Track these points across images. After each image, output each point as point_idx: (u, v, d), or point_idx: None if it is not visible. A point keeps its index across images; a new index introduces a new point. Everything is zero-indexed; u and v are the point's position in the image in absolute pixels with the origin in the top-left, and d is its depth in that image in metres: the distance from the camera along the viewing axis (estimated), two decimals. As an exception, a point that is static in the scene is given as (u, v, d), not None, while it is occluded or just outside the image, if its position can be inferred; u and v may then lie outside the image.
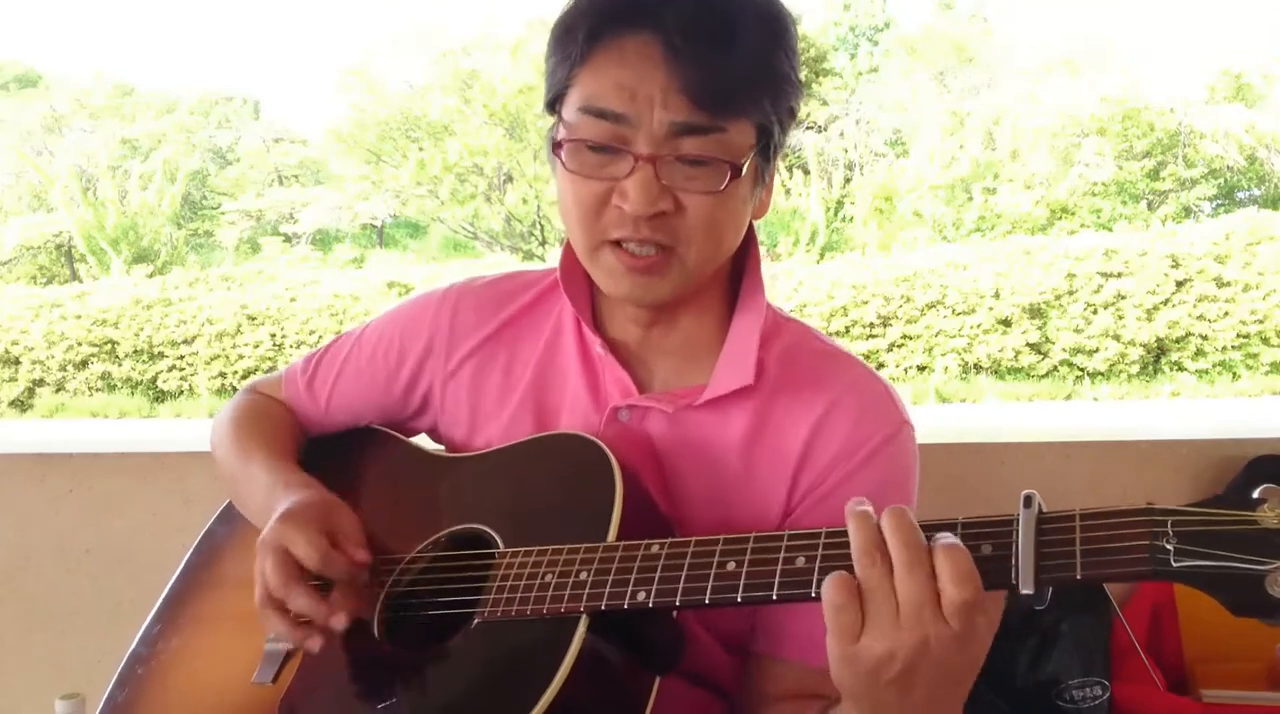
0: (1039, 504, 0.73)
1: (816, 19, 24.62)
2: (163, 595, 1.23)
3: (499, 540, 0.98)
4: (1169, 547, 0.67)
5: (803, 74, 1.01)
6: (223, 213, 23.66)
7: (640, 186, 0.92)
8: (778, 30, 0.96)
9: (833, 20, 25.00)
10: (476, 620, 0.92)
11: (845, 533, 0.77)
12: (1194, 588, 0.67)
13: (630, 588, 0.84)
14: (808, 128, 21.80)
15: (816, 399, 1.02)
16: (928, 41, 22.32)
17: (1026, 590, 0.71)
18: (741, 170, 0.94)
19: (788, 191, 19.14)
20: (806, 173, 19.30)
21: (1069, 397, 13.98)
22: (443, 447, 1.21)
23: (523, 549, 0.93)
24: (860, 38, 24.84)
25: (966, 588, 0.71)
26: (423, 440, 1.24)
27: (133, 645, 1.19)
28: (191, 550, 1.26)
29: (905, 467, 1.02)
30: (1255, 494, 0.67)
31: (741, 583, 0.80)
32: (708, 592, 0.81)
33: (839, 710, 0.85)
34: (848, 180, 20.43)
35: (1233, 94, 19.65)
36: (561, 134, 0.96)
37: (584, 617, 0.85)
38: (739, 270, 1.09)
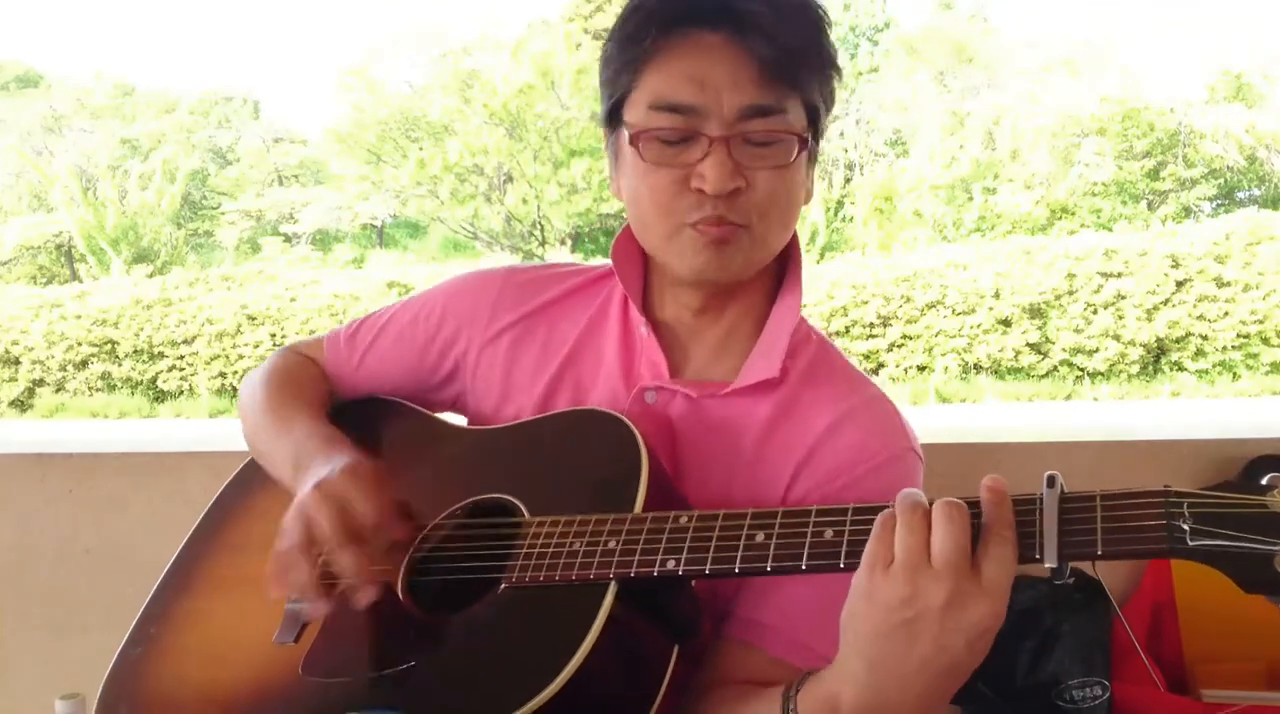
0: (1061, 485, 0.78)
1: (816, 19, 24.58)
2: (174, 559, 1.22)
3: (524, 510, 0.98)
4: (1185, 527, 0.72)
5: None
6: (223, 213, 23.67)
7: (716, 166, 0.98)
8: (821, 14, 1.03)
9: (833, 20, 25.00)
10: (503, 586, 0.93)
11: (873, 509, 0.81)
12: (1208, 565, 0.72)
13: (660, 556, 0.86)
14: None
15: (836, 403, 1.05)
16: (928, 41, 22.33)
17: (1050, 563, 0.75)
18: (808, 142, 1.02)
19: (788, 191, 19.10)
20: (806, 173, 19.28)
21: (1069, 397, 13.98)
22: (466, 421, 1.22)
23: (550, 518, 0.94)
24: (860, 38, 24.84)
25: (1005, 547, 0.75)
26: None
27: (144, 606, 1.19)
28: (203, 516, 1.25)
29: (906, 487, 1.02)
30: (1264, 481, 0.72)
31: (771, 553, 0.83)
32: (737, 561, 0.84)
33: (826, 671, 0.86)
34: (848, 180, 20.44)
35: (1233, 94, 19.65)
36: (633, 130, 1.02)
37: (613, 583, 0.87)
38: (781, 268, 1.14)
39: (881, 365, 14.38)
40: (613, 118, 1.06)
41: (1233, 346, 13.87)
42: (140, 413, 15.33)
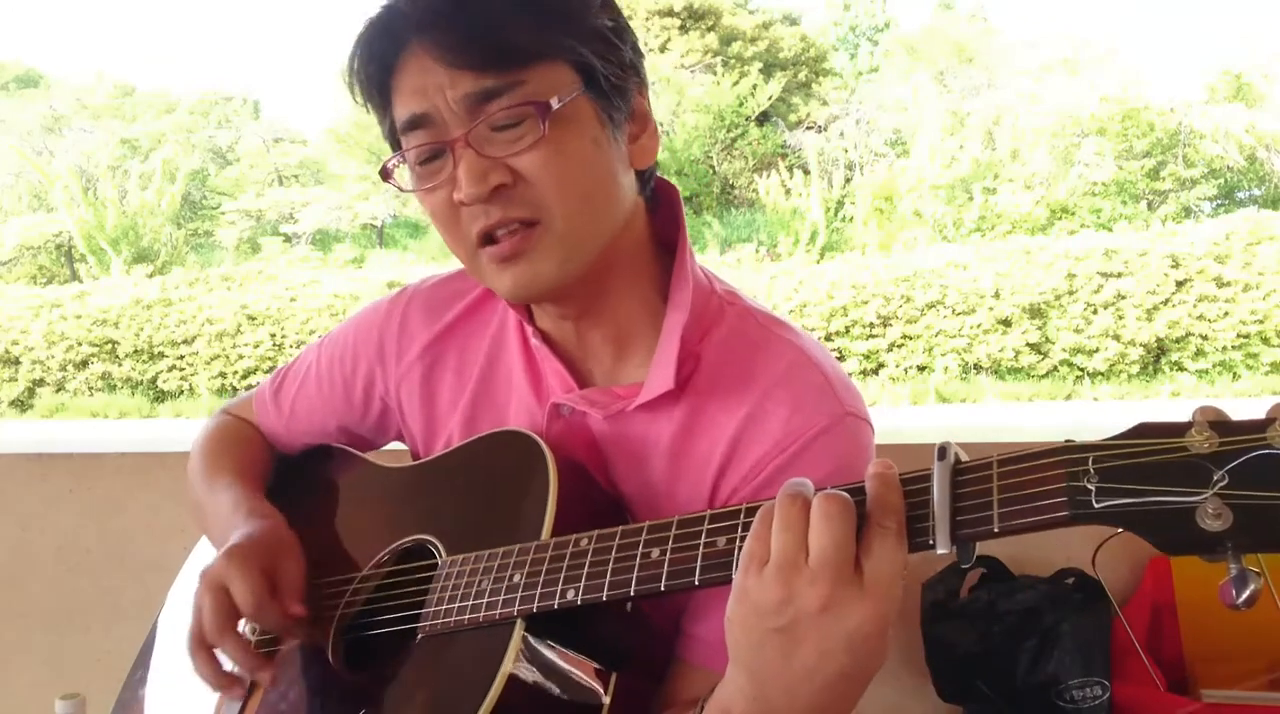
0: (955, 454, 0.69)
1: (816, 19, 24.64)
2: (144, 642, 1.25)
3: (441, 550, 0.96)
4: (1090, 486, 0.61)
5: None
6: (223, 213, 23.67)
7: (464, 169, 0.89)
8: None
9: (833, 20, 25.02)
10: (420, 636, 0.92)
11: (764, 507, 0.74)
12: (1120, 528, 0.61)
13: (560, 586, 0.82)
14: (808, 128, 21.82)
15: (745, 397, 0.96)
16: (928, 41, 22.33)
17: (942, 550, 0.66)
18: (550, 106, 0.89)
19: (788, 191, 19.16)
20: (806, 173, 19.32)
21: (1069, 397, 13.99)
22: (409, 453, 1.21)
23: (460, 557, 0.92)
24: (860, 38, 24.86)
25: (888, 539, 0.69)
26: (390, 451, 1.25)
27: (119, 693, 1.22)
28: (170, 591, 1.27)
29: (845, 463, 0.93)
30: (1185, 418, 0.62)
31: (665, 570, 0.78)
32: (632, 583, 0.79)
33: (720, 685, 0.81)
34: (848, 180, 20.44)
35: (1233, 94, 19.66)
36: (400, 160, 0.96)
37: (519, 621, 0.83)
38: (669, 245, 1.04)
39: (881, 365, 14.39)
40: (395, 148, 0.99)
41: (1233, 346, 13.87)
42: (140, 413, 15.33)
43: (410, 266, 18.35)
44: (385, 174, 0.97)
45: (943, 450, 0.69)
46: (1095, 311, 14.04)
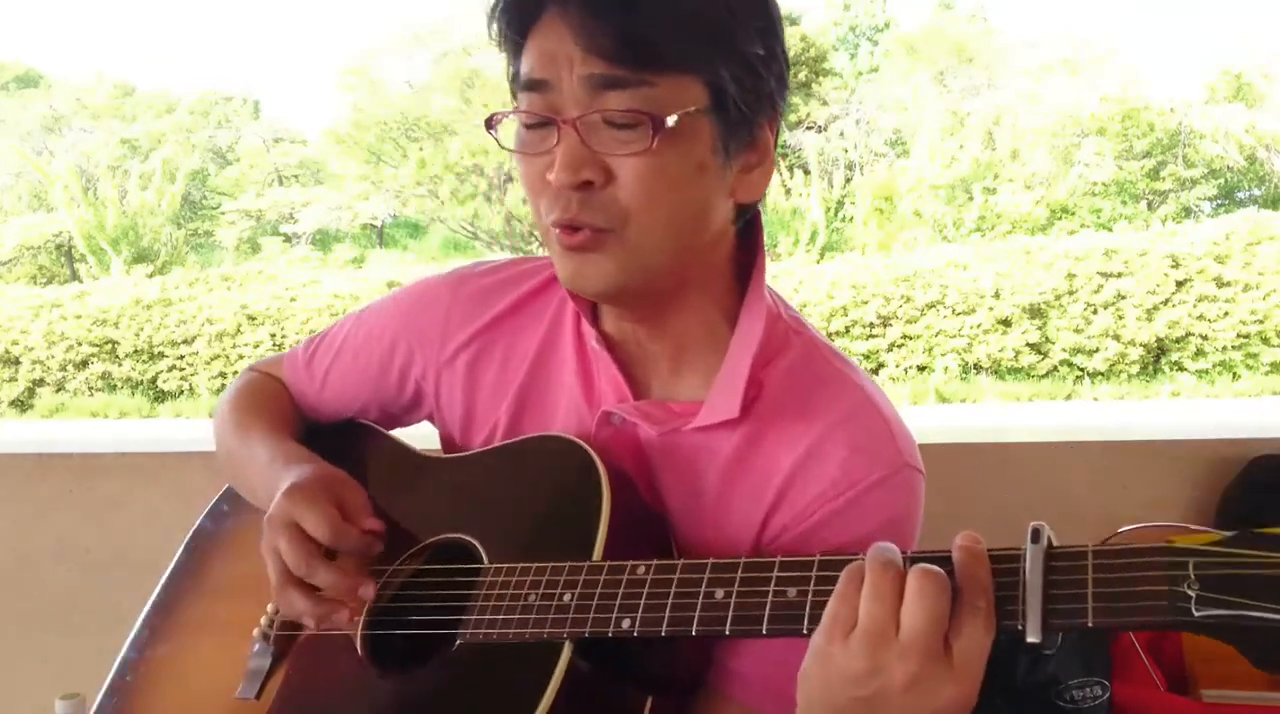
0: (1048, 537, 0.67)
1: (816, 19, 24.62)
2: (152, 598, 1.21)
3: (484, 554, 0.94)
4: (1190, 593, 0.61)
5: (770, 24, 0.91)
6: (223, 213, 23.66)
7: (564, 152, 0.86)
8: None
9: (833, 20, 24.99)
10: (459, 642, 0.90)
11: (840, 563, 0.73)
12: (1217, 639, 0.61)
13: (615, 614, 0.81)
14: (808, 128, 21.81)
15: (807, 430, 0.93)
16: (928, 41, 22.32)
17: (1033, 638, 0.65)
18: (665, 123, 0.84)
19: (788, 191, 19.14)
20: (807, 173, 19.30)
21: (1069, 397, 13.99)
22: (439, 437, 1.18)
23: (506, 566, 0.90)
24: (860, 38, 24.84)
25: (978, 620, 0.67)
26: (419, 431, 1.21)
27: (122, 651, 1.18)
28: (180, 550, 1.24)
29: (899, 514, 0.93)
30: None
31: (730, 614, 0.77)
32: (694, 622, 0.78)
33: None
34: (848, 180, 20.44)
35: (1233, 94, 19.66)
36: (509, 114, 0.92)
37: (567, 644, 0.82)
38: (747, 267, 1.00)
39: (881, 365, 14.38)
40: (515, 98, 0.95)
41: (1233, 346, 13.87)
42: (140, 413, 15.33)
43: (410, 266, 18.35)
44: (490, 123, 0.93)
45: (1036, 533, 0.67)
46: (1095, 311, 14.03)
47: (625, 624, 0.80)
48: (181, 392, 15.62)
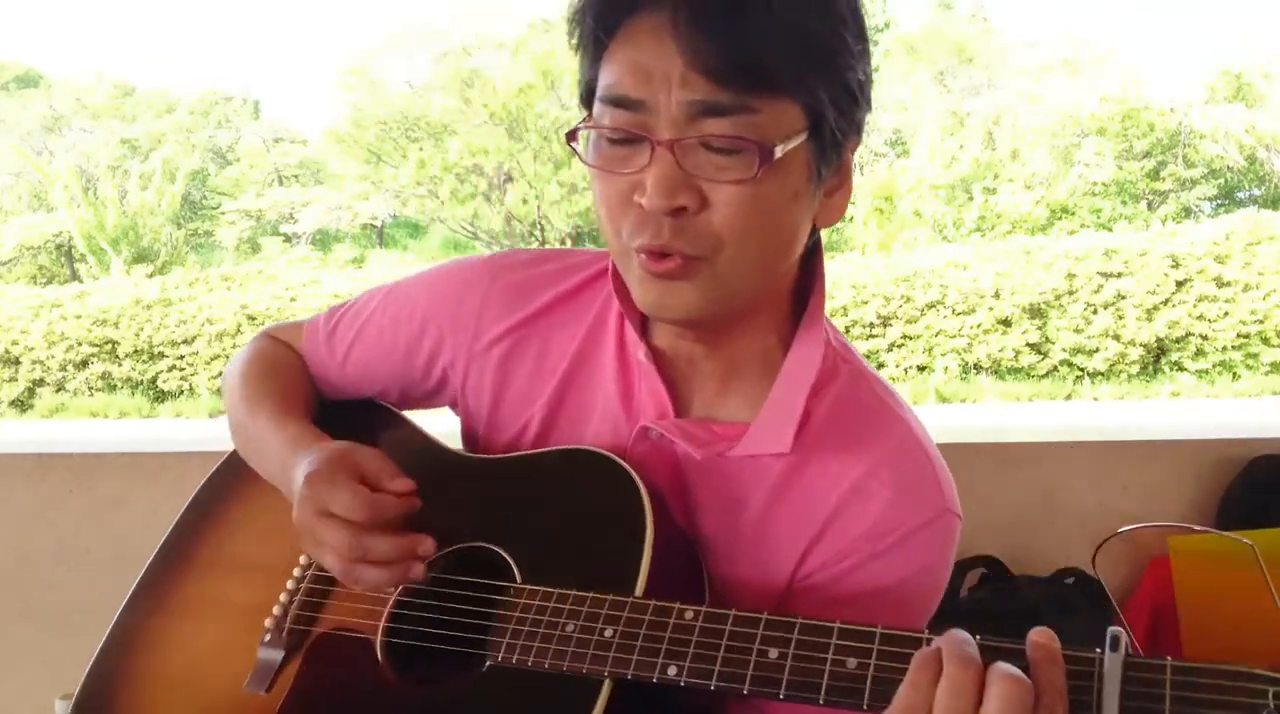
0: (1127, 646, 0.67)
1: (816, 19, 24.56)
2: (148, 567, 1.16)
3: (516, 570, 0.91)
4: None
5: (866, 46, 0.88)
6: (223, 213, 23.67)
7: (658, 175, 0.81)
8: None
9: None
10: (488, 663, 0.86)
11: (902, 637, 0.73)
12: None
13: (660, 659, 0.78)
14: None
15: (854, 464, 0.91)
16: (928, 41, 22.32)
17: None
18: (773, 153, 0.81)
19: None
20: (806, 173, 19.27)
21: (1069, 397, 13.98)
22: (460, 426, 1.14)
23: (543, 589, 0.87)
24: (860, 38, 24.82)
25: None
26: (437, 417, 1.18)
27: (116, 618, 1.14)
28: (182, 512, 1.19)
29: (936, 560, 0.92)
30: None
31: (785, 678, 0.74)
32: (746, 681, 0.75)
33: None
34: (848, 180, 20.42)
35: (1233, 94, 19.65)
36: (585, 123, 0.87)
37: (608, 682, 0.80)
38: (804, 290, 0.98)
39: (881, 365, 14.38)
40: (587, 104, 0.89)
41: (1233, 346, 13.86)
42: (140, 413, 15.32)
43: (410, 267, 18.35)
44: (572, 136, 0.88)
45: (1115, 640, 0.67)
46: (1095, 311, 14.03)
47: (671, 671, 0.78)
48: (181, 392, 15.62)
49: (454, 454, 1.08)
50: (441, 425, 1.17)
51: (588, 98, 0.89)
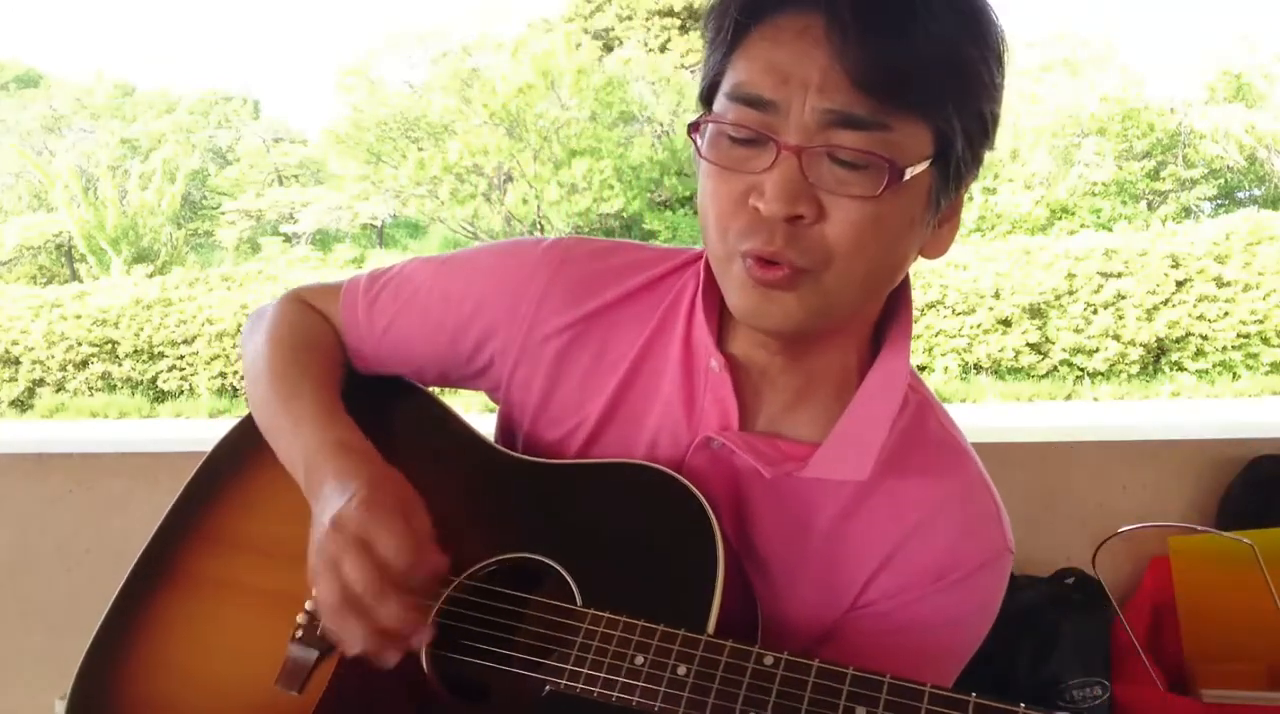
0: None
1: (816, 19, 24.56)
2: (155, 536, 1.10)
3: (574, 586, 0.86)
4: None
5: (1003, 81, 0.85)
6: (222, 213, 23.68)
7: (780, 181, 0.78)
8: (971, 18, 0.81)
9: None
10: (548, 688, 0.81)
11: (997, 708, 0.70)
12: None
13: (739, 706, 0.75)
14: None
15: (923, 499, 0.90)
16: (928, 41, 22.31)
17: None
18: (904, 174, 0.78)
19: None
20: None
21: (1069, 397, 13.98)
22: (498, 416, 1.08)
23: (608, 615, 0.82)
24: (860, 38, 24.83)
25: None
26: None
27: (114, 599, 1.06)
28: (191, 478, 1.11)
29: (992, 597, 0.92)
30: None
31: None
32: None
33: None
34: (848, 180, 20.42)
35: (1233, 94, 19.65)
36: (704, 118, 0.84)
37: None
38: (886, 317, 0.95)
39: (881, 365, 14.36)
40: (706, 101, 0.86)
41: (1233, 347, 13.86)
42: (140, 413, 15.32)
43: (410, 266, 18.34)
44: (695, 127, 0.84)
45: None
46: (1095, 311, 14.02)
47: None
48: (181, 392, 15.62)
49: (503, 454, 1.01)
50: (458, 407, 1.10)
51: (709, 92, 0.85)
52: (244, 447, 1.08)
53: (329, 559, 0.83)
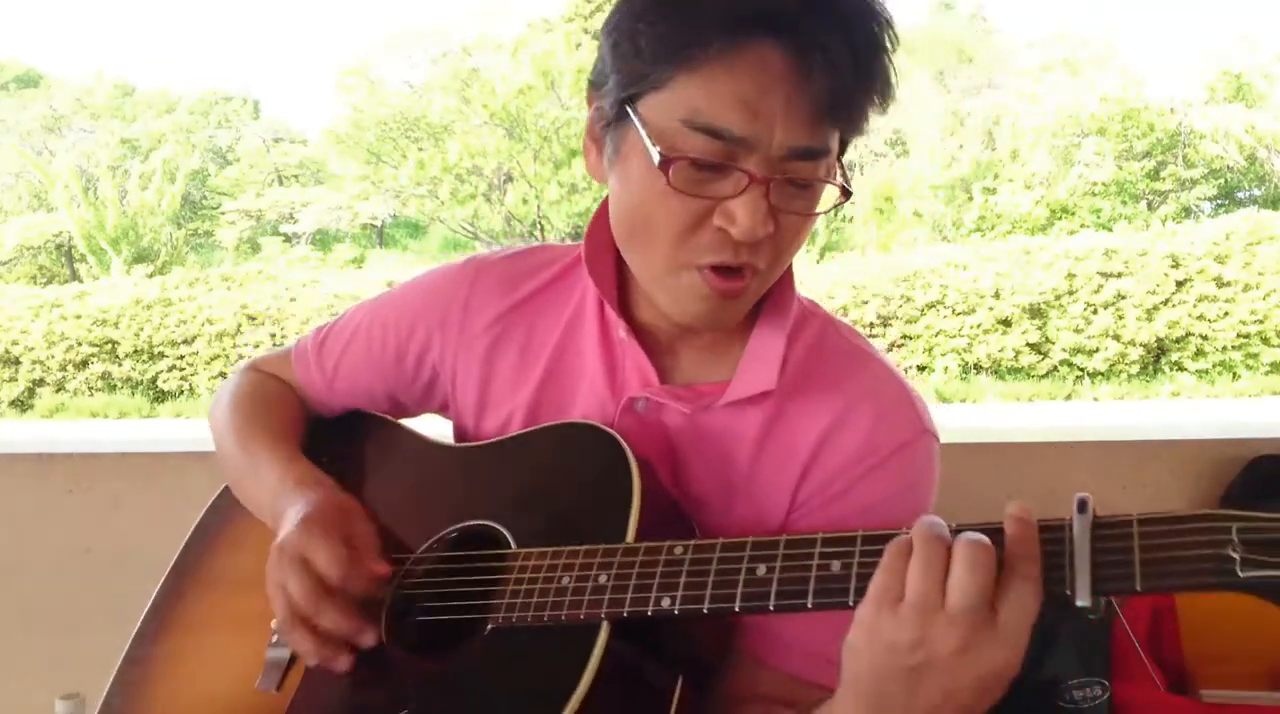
0: (1093, 508, 0.69)
1: (816, 19, 24.57)
2: (156, 592, 1.20)
3: (510, 539, 0.93)
4: (1235, 555, 0.63)
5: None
6: (222, 213, 23.68)
7: (752, 209, 0.84)
8: (890, 47, 0.86)
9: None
10: (490, 626, 0.88)
11: (883, 537, 0.74)
12: (1262, 598, 0.64)
13: (654, 594, 0.81)
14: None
15: (832, 402, 0.96)
16: (927, 41, 22.32)
17: (1083, 601, 0.67)
18: (849, 193, 0.89)
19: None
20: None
21: (1069, 397, 13.98)
22: (451, 426, 1.16)
23: (536, 550, 0.89)
24: (860, 38, 24.82)
25: (1028, 585, 0.69)
26: (428, 422, 1.20)
27: (127, 647, 1.16)
28: (184, 544, 1.22)
29: (919, 477, 0.96)
30: None
31: (774, 589, 0.77)
32: (737, 599, 0.78)
33: (825, 705, 0.81)
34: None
35: (1233, 94, 19.66)
36: (657, 146, 0.84)
37: (605, 624, 0.82)
38: None
39: (881, 365, 14.36)
40: (624, 104, 0.87)
41: (1233, 347, 13.86)
42: (140, 413, 15.32)
43: (410, 266, 18.35)
44: (667, 164, 0.85)
45: (1082, 504, 0.69)
46: (1095, 311, 14.02)
47: (665, 603, 0.80)
48: (181, 392, 15.62)
49: (443, 445, 1.11)
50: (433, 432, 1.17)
51: (632, 98, 0.86)
52: (229, 499, 1.21)
53: (276, 580, 0.93)
